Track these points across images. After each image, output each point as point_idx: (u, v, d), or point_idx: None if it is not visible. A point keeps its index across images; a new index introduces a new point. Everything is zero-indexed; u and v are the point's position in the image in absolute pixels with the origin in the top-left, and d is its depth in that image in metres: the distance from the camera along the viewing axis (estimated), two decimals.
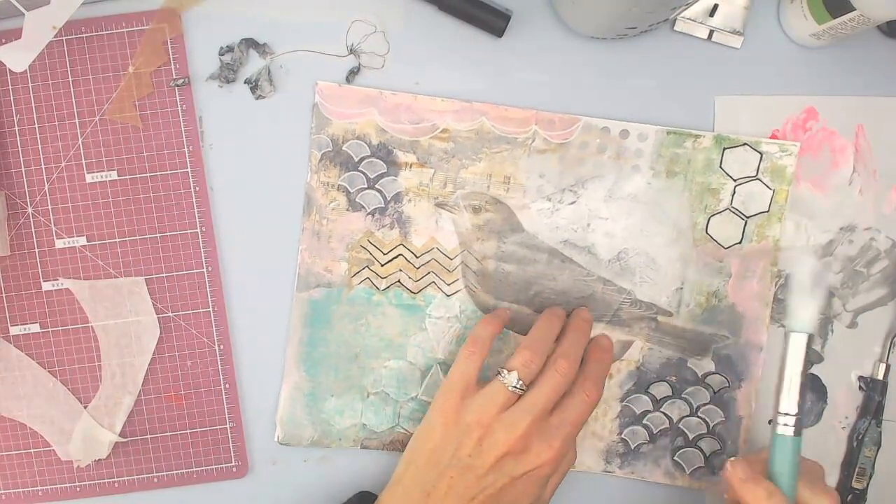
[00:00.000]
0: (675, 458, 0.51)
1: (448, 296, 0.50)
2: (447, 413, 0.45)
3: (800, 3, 0.49)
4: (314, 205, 0.50)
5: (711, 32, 0.50)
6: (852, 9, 0.45)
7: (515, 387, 0.44)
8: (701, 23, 0.50)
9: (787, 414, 0.42)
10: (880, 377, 0.51)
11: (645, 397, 0.51)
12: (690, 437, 0.51)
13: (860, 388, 0.51)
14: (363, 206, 0.50)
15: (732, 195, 0.50)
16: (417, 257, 0.50)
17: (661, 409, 0.51)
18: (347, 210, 0.50)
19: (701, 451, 0.51)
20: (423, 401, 0.50)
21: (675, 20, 0.50)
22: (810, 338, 0.42)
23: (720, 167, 0.50)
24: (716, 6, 0.50)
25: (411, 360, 0.50)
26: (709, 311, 0.50)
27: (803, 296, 0.43)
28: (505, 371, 0.45)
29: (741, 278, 0.50)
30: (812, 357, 0.51)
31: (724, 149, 0.50)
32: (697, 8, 0.50)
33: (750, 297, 0.50)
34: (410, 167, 0.50)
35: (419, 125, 0.49)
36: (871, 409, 0.51)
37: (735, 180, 0.50)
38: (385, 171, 0.50)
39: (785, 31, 0.51)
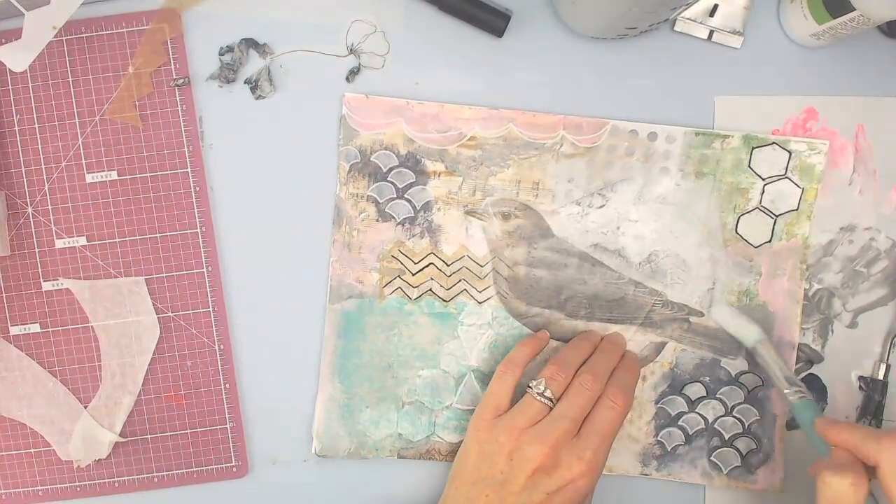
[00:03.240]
0: (712, 458, 0.51)
1: (480, 303, 0.50)
2: (480, 431, 0.46)
3: (800, 3, 0.49)
4: (344, 216, 0.49)
5: (711, 32, 0.50)
6: (852, 9, 0.45)
7: (542, 394, 0.45)
8: (701, 23, 0.50)
9: (794, 389, 0.47)
10: (880, 377, 0.51)
11: (679, 398, 0.51)
12: (726, 436, 0.51)
13: (860, 388, 0.51)
14: (393, 216, 0.50)
15: (762, 194, 0.50)
16: (448, 265, 0.50)
17: (696, 410, 0.51)
18: (377, 221, 0.50)
19: (737, 450, 0.51)
20: (457, 409, 0.50)
21: (675, 20, 0.50)
22: (764, 341, 0.49)
23: (749, 167, 0.50)
24: (716, 6, 0.50)
25: (445, 369, 0.50)
26: (740, 310, 0.50)
27: (734, 324, 0.50)
28: (533, 381, 0.46)
29: (771, 277, 0.50)
30: (812, 357, 0.51)
31: (753, 148, 0.50)
32: (697, 8, 0.50)
33: (781, 295, 0.50)
34: (439, 176, 0.50)
35: (447, 133, 0.49)
36: (871, 409, 0.51)
37: (764, 179, 0.50)
38: (414, 180, 0.50)
39: (785, 31, 0.51)
